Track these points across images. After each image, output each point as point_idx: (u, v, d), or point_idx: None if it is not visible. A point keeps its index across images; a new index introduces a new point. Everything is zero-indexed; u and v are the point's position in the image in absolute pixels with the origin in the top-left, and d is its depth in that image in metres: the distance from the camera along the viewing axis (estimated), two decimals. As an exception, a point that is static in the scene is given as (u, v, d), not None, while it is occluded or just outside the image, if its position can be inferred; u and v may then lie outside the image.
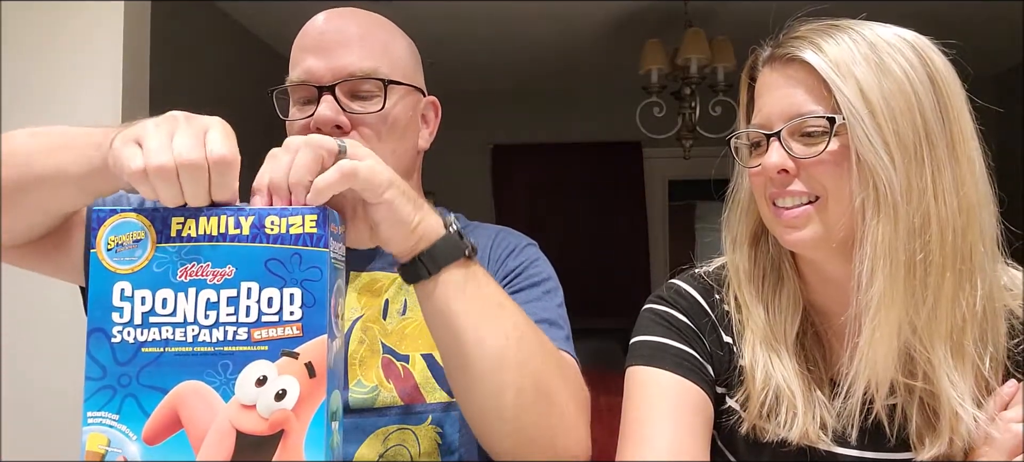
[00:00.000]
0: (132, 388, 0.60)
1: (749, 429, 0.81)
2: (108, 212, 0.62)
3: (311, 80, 0.89)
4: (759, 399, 0.79)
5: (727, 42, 3.12)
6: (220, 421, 0.60)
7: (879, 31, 0.77)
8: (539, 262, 0.97)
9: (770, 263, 0.85)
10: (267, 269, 0.61)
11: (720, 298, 0.87)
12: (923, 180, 0.73)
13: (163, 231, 0.62)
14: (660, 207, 4.69)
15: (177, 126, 0.63)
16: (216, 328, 0.61)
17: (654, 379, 0.82)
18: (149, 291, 0.61)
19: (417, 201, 0.71)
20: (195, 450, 0.59)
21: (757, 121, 0.80)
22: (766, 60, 0.81)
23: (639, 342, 0.85)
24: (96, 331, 0.61)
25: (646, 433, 0.79)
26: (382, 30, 0.95)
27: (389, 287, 0.94)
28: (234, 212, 0.62)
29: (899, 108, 0.73)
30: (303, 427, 0.60)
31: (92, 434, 0.60)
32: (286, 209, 0.63)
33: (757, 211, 0.85)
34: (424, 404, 0.89)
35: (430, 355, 0.91)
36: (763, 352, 0.81)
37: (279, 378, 0.60)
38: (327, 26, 0.92)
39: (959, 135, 0.75)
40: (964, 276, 0.75)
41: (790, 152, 0.76)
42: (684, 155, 3.45)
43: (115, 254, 0.62)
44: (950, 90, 0.75)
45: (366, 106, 0.90)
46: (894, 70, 0.74)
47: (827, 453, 0.80)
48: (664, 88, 3.22)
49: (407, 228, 0.70)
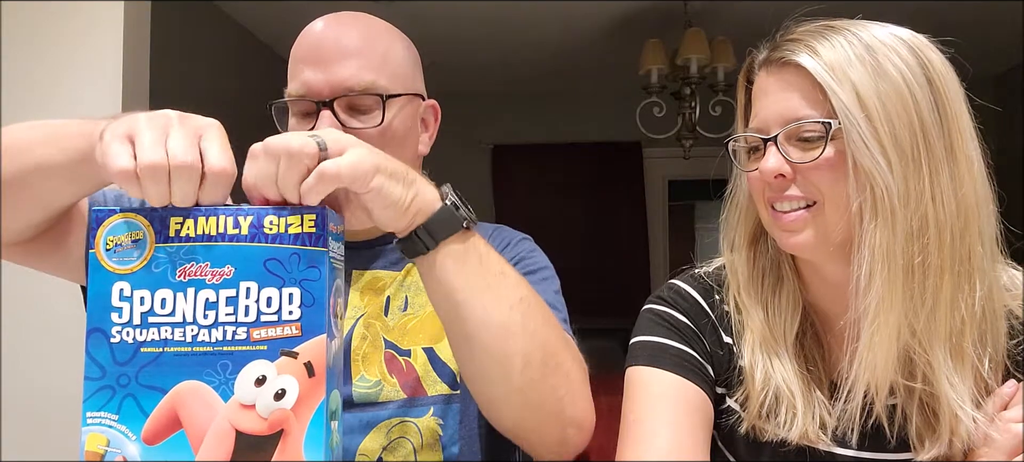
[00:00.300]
0: (131, 388, 0.60)
1: (748, 429, 0.81)
2: (107, 212, 0.62)
3: (309, 94, 0.89)
4: (759, 399, 0.79)
5: (727, 42, 3.12)
6: (219, 421, 0.60)
7: (875, 31, 0.76)
8: (536, 253, 0.99)
9: (769, 263, 0.85)
10: (266, 269, 0.61)
11: (720, 299, 0.87)
12: (920, 183, 0.72)
13: (162, 231, 0.61)
14: (660, 207, 4.69)
15: (171, 125, 0.62)
16: (215, 328, 0.60)
17: (654, 379, 0.82)
18: (148, 291, 0.61)
19: (408, 178, 0.70)
20: (194, 450, 0.59)
21: (754, 125, 0.80)
22: (762, 63, 0.81)
23: (639, 342, 0.85)
24: (95, 331, 0.61)
25: (646, 433, 0.79)
26: (381, 38, 0.94)
27: (390, 284, 0.95)
28: (233, 212, 0.62)
29: (895, 110, 0.72)
30: (302, 426, 0.60)
31: (91, 434, 0.60)
32: (284, 209, 0.63)
33: (755, 212, 0.85)
34: (425, 397, 0.90)
35: (431, 349, 0.92)
36: (762, 353, 0.81)
37: (278, 378, 0.60)
38: (325, 35, 0.91)
39: (957, 135, 0.74)
40: (963, 278, 0.74)
41: (787, 157, 0.76)
42: (684, 155, 3.46)
43: (114, 254, 0.61)
44: (948, 89, 0.75)
45: (365, 121, 0.90)
46: (890, 71, 0.73)
47: (827, 453, 0.80)
48: (664, 88, 3.22)
49: (400, 208, 0.69)
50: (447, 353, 0.92)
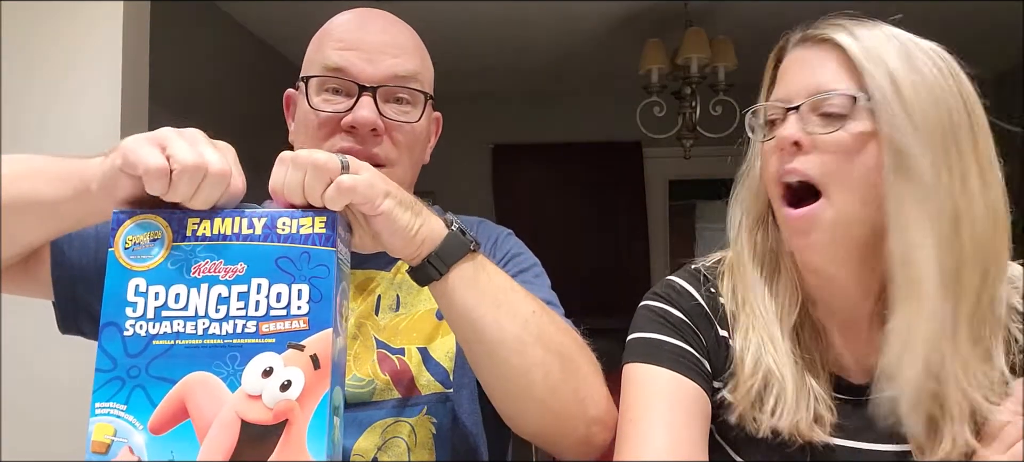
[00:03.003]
0: (141, 379, 0.62)
1: (739, 418, 0.80)
2: (128, 213, 0.65)
3: (352, 72, 0.89)
4: (747, 384, 0.79)
5: (727, 42, 3.12)
6: (226, 411, 0.61)
7: (910, 36, 0.77)
8: (523, 250, 1.01)
9: (769, 253, 0.85)
10: (277, 266, 0.64)
11: (716, 292, 0.86)
12: (952, 178, 0.73)
13: (179, 231, 0.64)
14: (660, 207, 4.69)
15: (198, 137, 0.66)
16: (226, 321, 0.63)
17: (651, 376, 0.81)
18: (163, 287, 0.63)
19: (416, 208, 0.74)
20: (200, 439, 0.61)
21: (779, 94, 0.80)
22: (797, 41, 0.82)
23: (636, 339, 0.85)
24: (109, 325, 0.63)
25: (644, 431, 0.79)
26: (417, 38, 0.97)
27: (381, 284, 0.96)
28: (248, 214, 0.65)
29: (928, 104, 0.73)
30: (307, 417, 0.61)
31: (99, 424, 0.61)
32: (296, 211, 0.66)
33: (765, 195, 0.84)
34: (419, 396, 0.90)
35: (424, 348, 0.92)
36: (756, 336, 0.81)
37: (285, 369, 0.62)
38: (368, 25, 0.92)
39: (984, 145, 0.75)
40: (989, 280, 0.74)
41: (806, 127, 0.76)
42: (684, 155, 3.46)
43: (132, 252, 0.64)
44: (974, 103, 0.76)
45: (404, 113, 0.91)
46: (924, 69, 0.74)
47: (824, 446, 0.79)
48: (664, 88, 3.22)
49: (408, 235, 0.72)
50: (440, 352, 0.92)
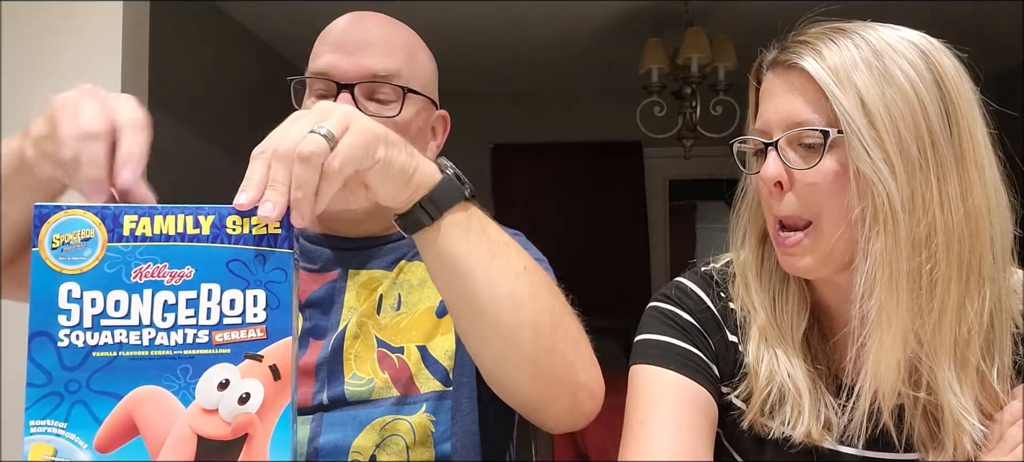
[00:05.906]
0: (82, 394, 0.57)
1: (751, 426, 0.80)
2: (52, 208, 0.58)
3: (332, 74, 0.91)
4: (762, 395, 0.79)
5: (728, 41, 3.11)
6: (180, 426, 0.57)
7: (885, 35, 0.75)
8: (529, 247, 0.98)
9: (776, 263, 0.84)
10: (229, 270, 0.59)
11: (726, 296, 0.86)
12: (928, 190, 0.71)
13: (115, 230, 0.58)
14: (660, 207, 4.69)
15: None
16: (174, 331, 0.58)
17: (658, 379, 0.81)
18: (100, 293, 0.58)
19: (410, 149, 0.68)
20: (153, 456, 0.57)
21: (758, 127, 0.80)
22: (770, 64, 0.80)
23: (643, 341, 0.85)
24: (39, 334, 0.58)
25: (649, 433, 0.78)
26: (407, 38, 0.97)
27: (384, 284, 0.96)
28: (193, 211, 0.59)
29: (902, 117, 0.71)
30: (268, 430, 0.58)
31: (35, 443, 0.57)
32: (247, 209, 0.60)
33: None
34: (418, 394, 0.90)
35: (424, 346, 0.92)
36: (768, 349, 0.80)
37: (242, 381, 0.58)
38: (355, 26, 0.94)
39: (968, 141, 0.73)
40: (972, 287, 0.73)
41: (787, 163, 0.76)
42: (685, 155, 3.45)
43: (61, 253, 0.58)
44: (958, 94, 0.74)
45: (382, 110, 0.91)
46: (898, 77, 0.72)
47: (832, 452, 0.79)
48: (664, 88, 3.22)
49: (404, 177, 0.67)
50: (440, 350, 0.92)
